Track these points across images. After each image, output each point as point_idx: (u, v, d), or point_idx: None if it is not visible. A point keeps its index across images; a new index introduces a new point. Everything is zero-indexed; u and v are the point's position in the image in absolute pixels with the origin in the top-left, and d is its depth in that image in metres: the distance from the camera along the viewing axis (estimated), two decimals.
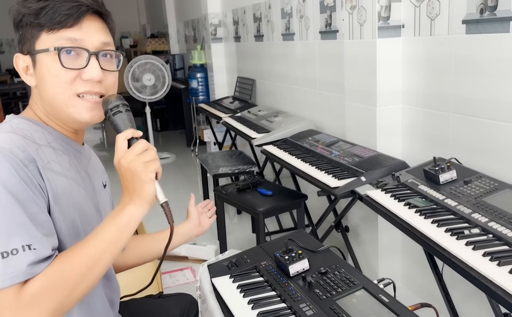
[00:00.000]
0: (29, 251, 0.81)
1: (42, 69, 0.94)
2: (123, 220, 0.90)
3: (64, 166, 0.95)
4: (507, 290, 1.08)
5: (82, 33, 0.94)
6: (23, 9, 0.93)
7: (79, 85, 0.95)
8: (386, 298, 1.13)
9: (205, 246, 2.84)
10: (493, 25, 1.62)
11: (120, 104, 0.96)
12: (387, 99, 2.13)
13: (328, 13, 2.65)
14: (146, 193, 0.90)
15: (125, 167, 0.90)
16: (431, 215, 1.45)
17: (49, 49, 0.92)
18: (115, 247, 0.90)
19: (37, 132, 0.94)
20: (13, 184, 0.82)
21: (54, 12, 0.91)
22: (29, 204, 0.83)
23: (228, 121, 3.51)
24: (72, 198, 0.94)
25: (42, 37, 0.93)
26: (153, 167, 0.91)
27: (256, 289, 1.26)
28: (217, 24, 4.72)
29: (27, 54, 0.95)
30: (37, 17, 0.92)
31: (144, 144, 0.92)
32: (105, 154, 5.84)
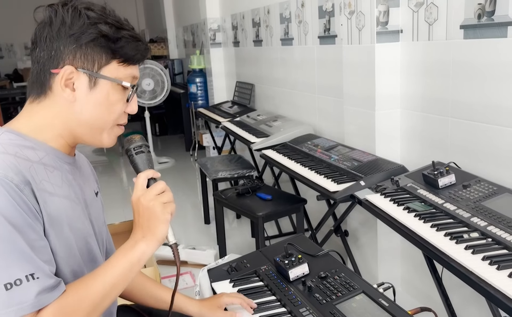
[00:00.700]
0: (33, 281, 0.81)
1: (100, 94, 0.94)
2: (135, 256, 0.93)
3: (56, 184, 0.93)
4: (506, 293, 1.08)
5: (138, 72, 1.00)
6: (104, 30, 0.91)
7: (122, 117, 1.00)
8: (386, 302, 1.13)
9: (205, 251, 2.84)
10: (490, 30, 1.63)
11: (143, 145, 1.02)
12: (386, 104, 2.14)
13: (326, 18, 2.66)
14: (159, 233, 0.94)
15: (144, 205, 0.93)
16: (430, 219, 1.45)
17: (123, 82, 0.95)
18: (125, 280, 0.93)
19: (27, 148, 0.90)
20: (11, 211, 0.80)
21: (132, 48, 0.94)
22: (27, 231, 0.82)
23: (227, 126, 3.51)
24: (66, 217, 0.93)
25: (112, 66, 0.94)
26: (170, 208, 0.95)
27: (256, 293, 1.26)
28: (216, 29, 4.73)
29: (79, 70, 0.92)
30: (114, 43, 0.92)
31: (163, 185, 0.96)
32: (104, 158, 5.83)
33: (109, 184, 4.69)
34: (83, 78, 0.92)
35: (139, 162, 1.00)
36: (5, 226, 0.79)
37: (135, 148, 1.01)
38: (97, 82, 0.93)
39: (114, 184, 4.74)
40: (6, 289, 0.78)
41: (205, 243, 3.08)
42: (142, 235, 0.93)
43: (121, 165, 5.53)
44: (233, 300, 1.21)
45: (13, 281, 0.79)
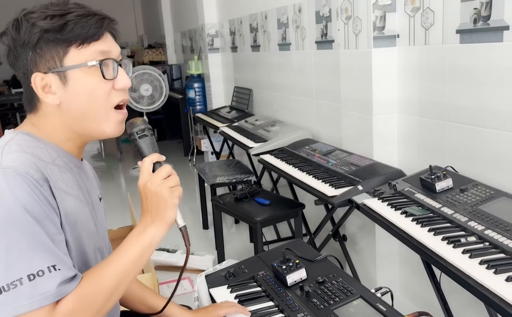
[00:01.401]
0: (54, 272, 0.83)
1: (75, 85, 0.92)
2: (146, 241, 0.94)
3: (69, 184, 0.95)
4: (504, 298, 1.08)
5: (108, 45, 0.95)
6: (43, 25, 0.90)
7: (115, 96, 0.97)
8: (383, 307, 1.13)
9: (203, 256, 2.84)
10: (486, 35, 1.63)
11: (146, 128, 1.00)
12: (383, 108, 2.14)
13: (324, 23, 2.67)
14: (168, 217, 0.95)
15: (151, 190, 0.94)
16: (427, 223, 1.46)
17: (88, 63, 0.92)
18: (138, 265, 0.94)
19: (41, 149, 0.92)
20: (32, 205, 0.82)
21: (81, 27, 0.91)
22: (48, 224, 0.85)
23: (225, 131, 3.51)
24: (78, 216, 0.95)
25: (72, 53, 0.92)
26: (177, 192, 0.97)
27: (253, 299, 1.26)
28: (214, 34, 4.74)
29: (48, 72, 0.92)
30: (62, 33, 0.90)
31: (168, 169, 0.97)
32: (102, 164, 5.83)
33: (108, 189, 4.68)
34: (53, 78, 0.92)
35: (143, 146, 0.99)
36: (28, 218, 0.81)
37: (138, 132, 0.99)
38: (66, 75, 0.92)
39: (112, 189, 4.73)
40: (29, 280, 0.80)
41: (204, 248, 3.08)
42: (151, 220, 0.95)
43: (120, 171, 5.52)
44: (228, 311, 1.21)
45: (36, 272, 0.81)
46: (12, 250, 0.80)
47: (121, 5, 9.39)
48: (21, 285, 0.80)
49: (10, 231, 0.80)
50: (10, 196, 0.81)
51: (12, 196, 0.81)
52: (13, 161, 0.84)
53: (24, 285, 0.80)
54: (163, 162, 0.98)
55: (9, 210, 0.81)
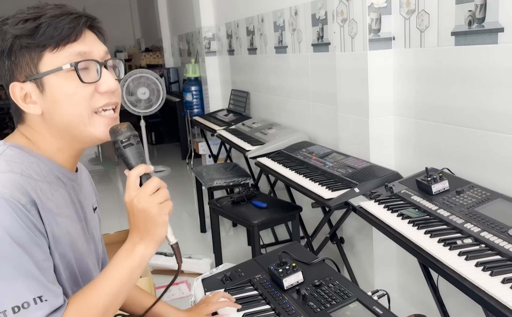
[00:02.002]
0: (41, 303, 0.79)
1: (54, 92, 0.86)
2: (135, 261, 0.89)
3: (59, 203, 0.90)
4: (500, 300, 1.08)
5: (87, 46, 0.88)
6: (13, 31, 0.83)
7: (98, 99, 0.89)
8: (380, 310, 1.13)
9: (201, 260, 2.84)
10: (481, 37, 1.64)
11: (132, 136, 0.91)
12: (379, 111, 2.15)
13: (320, 26, 2.68)
14: (158, 235, 0.89)
15: (138, 208, 0.86)
16: (424, 225, 1.46)
17: (62, 67, 0.85)
18: (127, 287, 0.90)
19: (31, 165, 0.87)
20: (18, 231, 0.78)
21: (54, 28, 0.84)
22: (35, 251, 0.80)
23: (223, 134, 3.52)
24: (68, 238, 0.91)
25: (47, 58, 0.85)
26: (167, 209, 0.88)
27: (250, 302, 1.26)
28: (210, 37, 4.75)
29: (25, 81, 0.86)
30: (34, 38, 0.84)
31: (157, 182, 0.88)
32: (100, 168, 5.83)
33: (105, 193, 4.67)
34: (31, 87, 0.87)
35: (129, 156, 0.90)
36: (13, 246, 0.77)
37: (122, 140, 0.90)
38: (42, 82, 0.86)
39: (110, 193, 4.72)
40: (14, 312, 0.76)
41: (201, 251, 3.07)
42: (140, 238, 0.89)
43: (117, 174, 5.52)
44: (218, 306, 1.21)
45: (21, 304, 0.77)
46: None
47: (118, 9, 9.39)
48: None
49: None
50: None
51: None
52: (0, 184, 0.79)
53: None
54: (151, 173, 0.90)
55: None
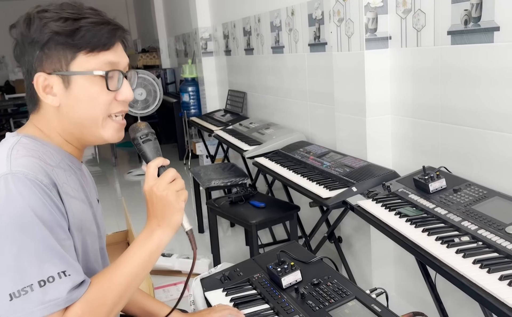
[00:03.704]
0: (65, 277, 0.83)
1: (77, 90, 0.92)
2: (153, 245, 0.95)
3: (74, 187, 0.95)
4: (497, 297, 1.09)
5: (116, 56, 0.95)
6: (54, 27, 0.88)
7: (114, 106, 0.96)
8: (378, 307, 1.13)
9: (199, 260, 2.83)
10: (477, 36, 1.65)
11: (150, 132, 1.00)
12: (376, 110, 2.15)
13: (316, 26, 2.68)
14: (175, 221, 0.96)
15: (157, 195, 0.94)
16: (421, 224, 1.46)
17: (93, 72, 0.91)
18: (145, 269, 0.95)
19: (46, 152, 0.92)
20: (43, 210, 0.82)
21: (93, 35, 0.90)
22: (58, 230, 0.85)
23: (220, 134, 3.52)
24: (83, 220, 0.95)
25: (80, 59, 0.91)
26: (183, 196, 0.97)
27: (249, 302, 1.26)
28: (207, 38, 4.75)
29: (52, 74, 0.91)
30: (72, 39, 0.89)
31: (174, 173, 0.97)
32: (97, 169, 5.81)
33: (103, 194, 4.66)
34: (56, 80, 0.91)
35: (148, 150, 0.99)
36: (38, 224, 0.81)
37: (141, 136, 0.99)
38: (69, 80, 0.91)
39: (107, 194, 4.72)
40: (40, 286, 0.80)
41: (199, 252, 3.07)
42: (158, 224, 0.95)
43: (114, 176, 5.51)
44: (222, 314, 1.20)
45: (46, 278, 0.81)
46: (23, 256, 0.80)
47: (115, 10, 9.36)
48: (32, 291, 0.80)
49: (21, 237, 0.80)
50: (21, 201, 0.81)
51: (23, 201, 0.81)
52: (23, 166, 0.84)
53: (34, 291, 0.80)
54: (167, 166, 0.98)
55: (21, 216, 0.80)
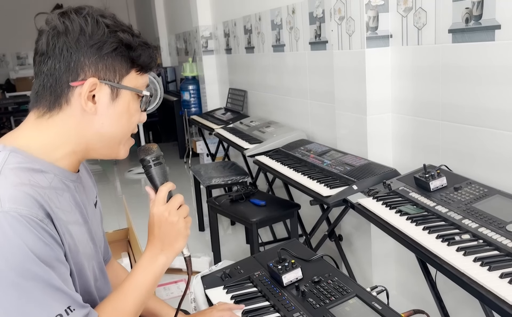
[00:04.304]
0: (71, 313, 0.83)
1: (122, 105, 0.92)
2: (157, 270, 0.98)
3: (66, 209, 0.90)
4: (498, 294, 1.09)
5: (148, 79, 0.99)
6: (124, 38, 0.89)
7: (135, 127, 0.99)
8: (379, 305, 1.13)
9: (199, 258, 2.83)
10: (478, 34, 1.65)
11: (161, 156, 1.02)
12: (377, 108, 2.15)
13: (317, 24, 2.68)
14: (179, 247, 0.99)
15: (168, 220, 0.96)
16: (422, 222, 1.46)
17: (143, 91, 0.94)
18: (150, 293, 0.99)
19: (36, 172, 0.86)
20: (42, 249, 0.80)
21: (148, 56, 0.93)
22: (58, 266, 0.83)
23: (221, 133, 3.52)
24: (78, 244, 0.93)
25: (132, 75, 0.92)
26: (189, 223, 1.00)
27: (249, 299, 1.26)
28: (208, 36, 4.75)
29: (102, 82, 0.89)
30: (133, 53, 0.91)
31: (181, 199, 0.99)
32: (97, 167, 5.81)
33: (103, 192, 4.67)
34: (105, 89, 0.89)
35: (158, 174, 1.00)
36: (39, 264, 0.80)
37: (153, 159, 1.00)
38: (119, 93, 0.91)
39: (108, 192, 4.72)
40: None
41: (200, 250, 3.08)
42: (161, 249, 0.97)
43: (115, 174, 5.51)
44: (223, 314, 1.20)
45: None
46: (28, 299, 0.79)
47: (115, 8, 9.28)
48: None
49: (23, 281, 0.78)
50: (18, 243, 0.78)
51: (21, 242, 0.78)
52: (14, 201, 0.79)
53: None
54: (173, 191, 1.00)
55: (20, 258, 0.78)
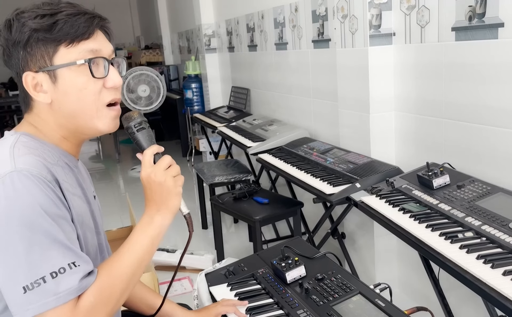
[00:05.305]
0: (75, 268, 0.86)
1: (65, 84, 0.93)
2: (154, 231, 0.98)
3: (72, 184, 0.97)
4: (501, 292, 1.09)
5: (98, 43, 0.96)
6: (32, 24, 0.91)
7: (105, 95, 0.97)
8: (382, 302, 1.14)
9: (203, 256, 2.85)
10: (481, 32, 1.65)
11: (143, 121, 1.02)
12: (380, 106, 2.15)
13: (320, 22, 2.68)
14: (173, 205, 0.99)
15: (156, 181, 0.97)
16: (425, 219, 1.47)
17: (76, 62, 0.93)
18: (149, 255, 0.98)
19: (44, 151, 0.94)
20: (50, 205, 0.85)
21: (70, 26, 0.92)
22: (64, 224, 0.88)
23: (223, 131, 3.52)
24: (83, 216, 0.98)
25: (61, 52, 0.92)
26: (180, 181, 1.01)
27: (253, 296, 1.27)
28: (210, 34, 4.75)
29: (39, 71, 0.93)
30: (51, 33, 0.91)
31: (169, 160, 1.00)
32: (100, 165, 5.83)
33: (106, 190, 4.68)
34: (43, 77, 0.93)
35: (142, 138, 1.01)
36: (46, 219, 0.84)
37: (135, 125, 1.01)
38: (56, 74, 0.93)
39: (111, 190, 4.73)
40: (52, 277, 0.84)
41: (203, 248, 3.08)
42: (157, 209, 0.98)
43: (118, 172, 5.53)
44: (227, 310, 1.22)
45: (58, 270, 0.84)
46: (34, 250, 0.83)
47: (118, 6, 9.38)
48: (45, 283, 0.83)
49: (31, 232, 0.83)
50: (28, 197, 0.83)
51: (31, 197, 0.83)
52: (27, 163, 0.86)
53: (47, 283, 0.83)
54: (161, 153, 1.01)
55: (29, 212, 0.83)
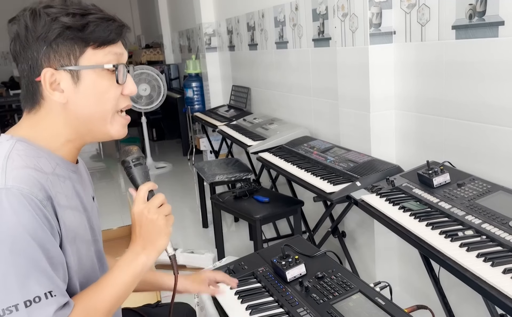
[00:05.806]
0: (51, 298, 0.82)
1: (87, 86, 0.91)
2: (137, 268, 0.96)
3: (68, 195, 0.94)
4: (501, 290, 1.09)
5: (121, 49, 0.96)
6: (66, 22, 0.88)
7: (122, 101, 0.97)
8: (382, 301, 1.14)
9: (203, 254, 2.85)
10: (482, 30, 1.65)
11: (141, 157, 1.02)
12: (380, 105, 2.15)
13: (320, 21, 2.68)
14: (161, 245, 0.97)
15: (148, 218, 0.95)
16: (425, 218, 1.47)
17: (104, 65, 0.92)
18: (128, 291, 0.96)
19: (41, 158, 0.90)
20: (35, 228, 0.81)
21: (103, 30, 0.91)
22: (49, 248, 0.84)
23: (224, 130, 3.52)
24: (77, 230, 0.95)
25: (88, 53, 0.91)
26: (171, 221, 0.98)
27: (254, 295, 1.27)
28: (211, 33, 4.75)
29: (60, 69, 0.90)
30: (83, 32, 0.89)
31: (162, 198, 0.98)
32: (101, 165, 5.83)
33: (107, 190, 4.69)
34: (65, 76, 0.90)
35: (138, 174, 1.01)
36: (30, 243, 0.81)
37: (133, 160, 1.01)
38: (79, 75, 0.91)
39: (111, 189, 4.74)
40: (26, 306, 0.80)
41: (204, 246, 3.09)
42: (143, 247, 0.96)
43: (119, 171, 5.53)
44: (215, 276, 1.27)
45: (32, 298, 0.81)
46: (11, 274, 0.79)
47: (118, 5, 9.37)
48: (17, 311, 0.79)
49: (12, 256, 0.79)
50: (13, 219, 0.80)
51: (16, 219, 0.80)
52: (18, 180, 0.82)
53: (19, 311, 0.79)
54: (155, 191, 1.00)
55: (12, 234, 0.79)
